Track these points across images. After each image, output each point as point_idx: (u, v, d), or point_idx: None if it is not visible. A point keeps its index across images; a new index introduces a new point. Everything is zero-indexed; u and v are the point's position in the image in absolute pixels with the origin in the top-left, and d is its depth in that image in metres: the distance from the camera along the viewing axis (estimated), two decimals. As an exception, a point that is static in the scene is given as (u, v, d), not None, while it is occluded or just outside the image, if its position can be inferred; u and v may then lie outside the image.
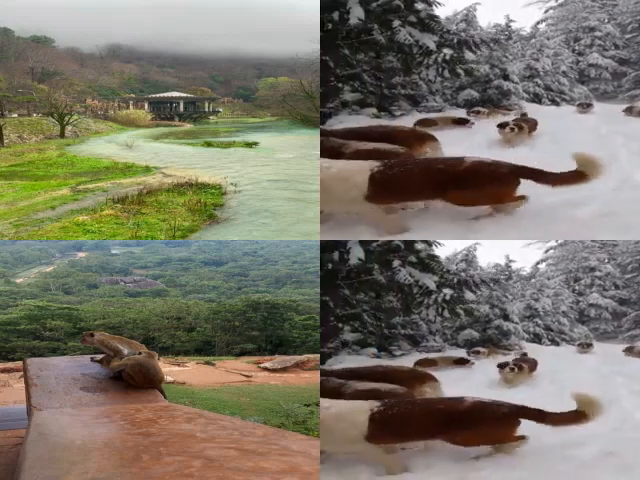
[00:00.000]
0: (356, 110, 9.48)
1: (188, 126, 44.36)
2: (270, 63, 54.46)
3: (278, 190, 20.09)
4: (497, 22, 17.49)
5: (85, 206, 17.62)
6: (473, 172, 5.46)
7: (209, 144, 32.19)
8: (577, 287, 21.58)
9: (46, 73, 44.54)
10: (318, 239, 6.32)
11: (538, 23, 22.39)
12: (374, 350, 9.74)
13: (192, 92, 50.85)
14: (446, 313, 10.96)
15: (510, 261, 18.15)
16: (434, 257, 10.50)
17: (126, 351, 5.07)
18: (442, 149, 6.96)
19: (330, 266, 9.05)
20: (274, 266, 55.36)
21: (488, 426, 5.19)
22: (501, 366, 9.16)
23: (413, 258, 10.03)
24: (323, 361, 8.87)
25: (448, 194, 5.47)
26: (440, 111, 10.22)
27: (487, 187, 5.54)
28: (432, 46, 10.10)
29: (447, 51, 10.67)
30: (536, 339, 16.85)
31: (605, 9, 21.84)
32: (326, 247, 8.90)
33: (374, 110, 9.57)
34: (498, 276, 15.33)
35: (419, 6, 9.96)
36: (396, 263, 9.74)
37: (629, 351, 13.65)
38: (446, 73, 10.90)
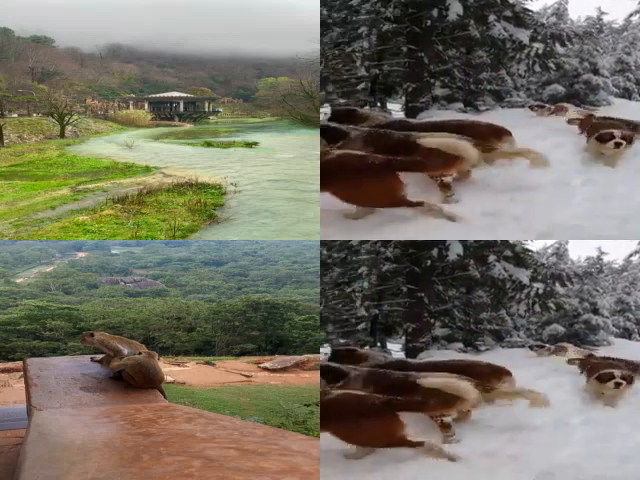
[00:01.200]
0: (444, 105, 9.58)
1: (188, 126, 44.36)
2: (270, 63, 54.46)
3: (278, 190, 20.09)
4: (589, 15, 17.07)
5: (85, 206, 17.63)
6: (341, 165, 5.13)
7: (209, 144, 32.19)
8: None
9: (46, 73, 44.54)
10: (318, 239, 6.30)
11: (631, 15, 21.85)
12: (460, 345, 9.84)
13: (192, 92, 50.86)
14: (537, 307, 10.98)
15: (602, 254, 17.73)
16: (528, 251, 10.54)
17: (126, 351, 5.07)
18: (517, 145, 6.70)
19: (429, 263, 9.23)
20: (274, 266, 55.37)
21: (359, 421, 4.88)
22: (602, 378, 6.92)
23: (508, 252, 10.06)
24: (416, 353, 9.03)
25: (335, 189, 5.21)
26: (523, 107, 10.16)
27: (361, 182, 5.12)
28: (525, 40, 10.10)
29: (538, 45, 10.66)
30: (625, 334, 16.49)
31: None
32: (424, 245, 9.12)
33: (461, 105, 9.65)
34: (590, 269, 15.04)
35: (513, 0, 9.99)
36: (492, 258, 9.80)
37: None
38: (537, 67, 10.90)
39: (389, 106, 9.97)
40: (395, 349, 9.97)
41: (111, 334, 5.47)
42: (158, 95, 49.18)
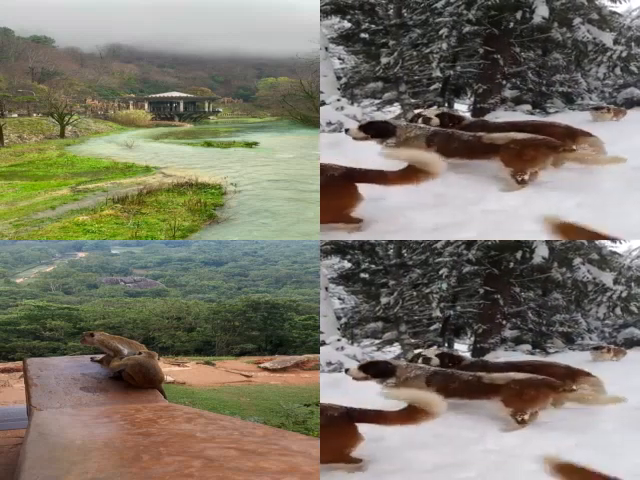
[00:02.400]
0: (512, 106, 9.60)
1: (188, 126, 44.38)
2: (270, 63, 54.48)
3: (278, 190, 20.10)
4: None
5: (85, 206, 17.63)
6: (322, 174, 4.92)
7: (209, 144, 32.20)
8: None
9: (46, 73, 44.57)
10: (318, 239, 6.29)
11: None
12: (529, 347, 9.88)
13: (192, 92, 50.87)
14: (618, 310, 10.98)
15: None
16: (615, 253, 10.56)
17: (126, 351, 5.06)
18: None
19: (511, 265, 9.27)
20: (274, 266, 55.37)
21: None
22: None
23: (595, 255, 10.10)
24: (483, 354, 9.04)
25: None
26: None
27: (323, 193, 4.87)
28: (609, 43, 10.09)
29: (621, 48, 10.64)
30: None
31: None
32: (507, 247, 9.17)
33: (529, 107, 9.67)
34: None
35: (600, 3, 9.98)
36: (577, 261, 9.84)
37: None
38: (617, 71, 10.87)
39: (456, 106, 10.00)
40: (462, 349, 9.99)
41: (111, 334, 5.47)
42: (158, 95, 49.20)
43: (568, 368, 6.66)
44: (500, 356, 8.85)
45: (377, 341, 9.86)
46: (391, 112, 9.53)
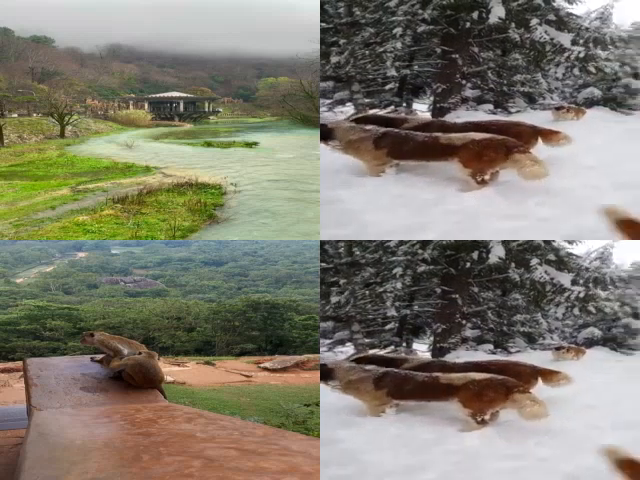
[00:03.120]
0: (473, 106, 9.55)
1: (188, 126, 44.38)
2: (270, 63, 54.50)
3: (278, 190, 20.09)
4: (635, 20, 17.18)
5: (85, 206, 17.63)
6: None
7: (209, 144, 32.20)
8: None
9: (46, 73, 44.58)
10: (318, 239, 6.30)
11: None
12: (490, 347, 9.85)
13: (192, 92, 50.88)
14: (576, 311, 10.99)
15: None
16: (571, 255, 10.55)
17: (126, 351, 5.06)
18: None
19: (468, 264, 9.25)
20: (274, 266, 55.36)
21: None
22: None
23: (552, 256, 10.08)
24: (443, 354, 9.04)
25: None
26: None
27: None
28: (567, 44, 10.09)
29: (579, 49, 10.65)
30: None
31: None
32: (463, 247, 9.11)
33: (490, 107, 9.64)
34: (635, 274, 15.07)
35: (557, 4, 9.96)
36: (534, 261, 9.81)
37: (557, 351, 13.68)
38: (576, 71, 10.89)
39: (415, 106, 9.96)
40: (422, 349, 9.94)
41: (111, 334, 5.47)
42: (158, 95, 49.20)
43: (533, 367, 6.66)
44: (461, 356, 8.83)
45: (328, 341, 9.75)
46: (343, 112, 9.41)
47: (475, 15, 9.09)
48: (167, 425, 3.41)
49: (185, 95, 49.40)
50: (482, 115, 9.13)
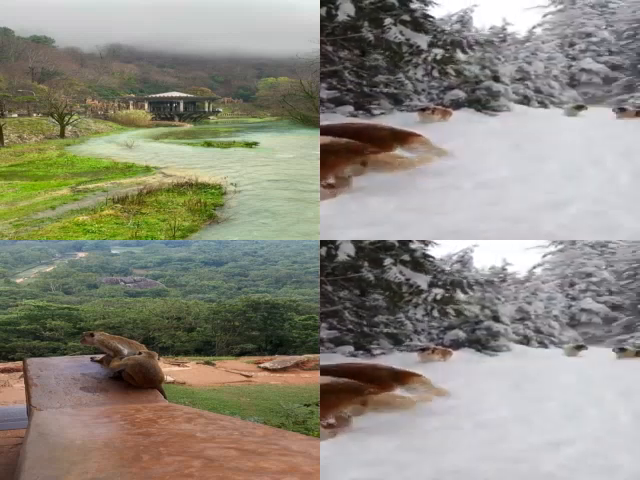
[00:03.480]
0: (330, 108, 9.36)
1: (188, 126, 44.38)
2: (270, 63, 54.51)
3: (278, 190, 20.09)
4: (493, 24, 17.51)
5: (85, 206, 17.63)
6: None
7: (209, 144, 32.20)
8: (571, 292, 21.68)
9: (46, 73, 44.58)
10: (318, 239, 6.32)
11: (534, 27, 22.48)
12: (351, 348, 9.59)
13: (192, 92, 50.88)
14: (435, 312, 10.95)
15: (507, 264, 18.16)
16: (428, 256, 10.46)
17: (126, 351, 5.06)
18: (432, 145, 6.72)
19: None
20: (274, 266, 55.35)
21: None
22: None
23: (407, 257, 9.94)
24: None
25: None
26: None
27: None
28: (423, 45, 10.03)
29: (438, 51, 10.65)
30: (525, 341, 16.92)
31: (603, 16, 22.09)
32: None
33: (350, 108, 9.45)
34: (492, 278, 15.31)
35: (414, 5, 9.90)
36: (388, 261, 9.61)
37: (621, 353, 13.85)
38: (435, 73, 10.89)
39: None
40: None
41: (111, 334, 5.46)
42: (158, 95, 49.20)
43: (392, 370, 6.61)
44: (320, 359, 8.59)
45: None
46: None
47: (323, 12, 8.90)
48: (167, 425, 3.41)
49: (185, 95, 49.40)
50: (340, 118, 8.97)
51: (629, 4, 22.19)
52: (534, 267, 23.40)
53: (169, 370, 18.67)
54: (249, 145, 31.72)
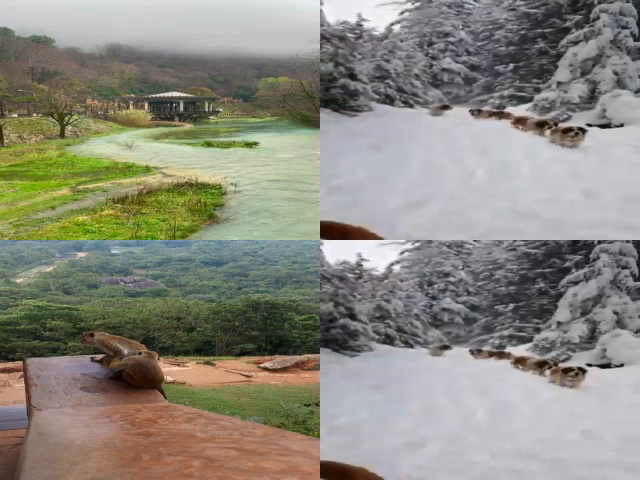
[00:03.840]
0: None
1: (188, 126, 44.38)
2: (270, 63, 54.51)
3: (278, 190, 20.09)
4: (346, 20, 17.04)
5: (85, 206, 17.63)
6: None
7: (209, 144, 32.21)
8: (431, 291, 21.53)
9: (46, 73, 44.58)
10: (318, 239, 6.34)
11: (392, 24, 22.17)
12: None
13: (192, 92, 50.88)
14: None
15: (362, 260, 17.72)
16: None
17: (126, 351, 5.06)
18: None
19: None
20: (274, 266, 55.35)
21: None
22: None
23: None
24: None
25: None
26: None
27: None
28: None
29: None
30: (388, 341, 16.65)
31: (460, 16, 22.05)
32: None
33: None
34: (345, 274, 14.82)
35: None
36: None
37: (477, 353, 13.95)
38: None
39: None
40: None
41: (111, 334, 5.46)
42: (158, 95, 49.20)
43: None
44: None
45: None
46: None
47: None
48: (167, 425, 3.41)
49: (185, 95, 49.40)
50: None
51: (484, 5, 22.27)
52: (392, 264, 23.16)
53: (169, 370, 18.67)
54: (249, 145, 31.73)
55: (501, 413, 7.44)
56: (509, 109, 15.13)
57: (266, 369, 20.44)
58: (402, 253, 23.41)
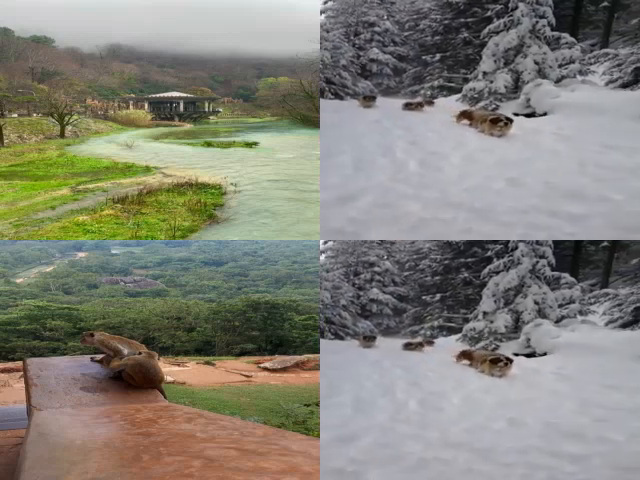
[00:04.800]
0: None
1: (188, 126, 44.36)
2: (270, 63, 54.49)
3: (278, 190, 20.09)
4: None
5: (85, 206, 17.63)
6: None
7: (209, 144, 32.20)
8: (357, 281, 21.34)
9: (46, 73, 44.57)
10: (318, 239, 6.39)
11: (321, 14, 21.88)
12: None
13: (192, 92, 50.86)
14: None
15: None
16: None
17: (126, 351, 5.06)
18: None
19: None
20: (274, 266, 55.35)
21: None
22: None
23: None
24: None
25: None
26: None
27: None
28: None
29: None
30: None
31: (384, 5, 21.78)
32: None
33: None
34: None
35: None
36: None
37: (407, 347, 13.94)
38: None
39: None
40: None
41: (111, 334, 5.47)
42: (158, 95, 49.18)
43: None
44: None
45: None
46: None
47: None
48: (167, 425, 3.40)
49: (185, 95, 49.38)
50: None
51: None
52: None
53: (169, 370, 18.66)
54: (249, 145, 31.72)
55: (431, 404, 7.60)
56: (441, 100, 15.19)
57: (266, 369, 20.43)
58: (326, 242, 22.94)
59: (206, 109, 50.18)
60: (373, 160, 7.65)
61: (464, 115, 10.94)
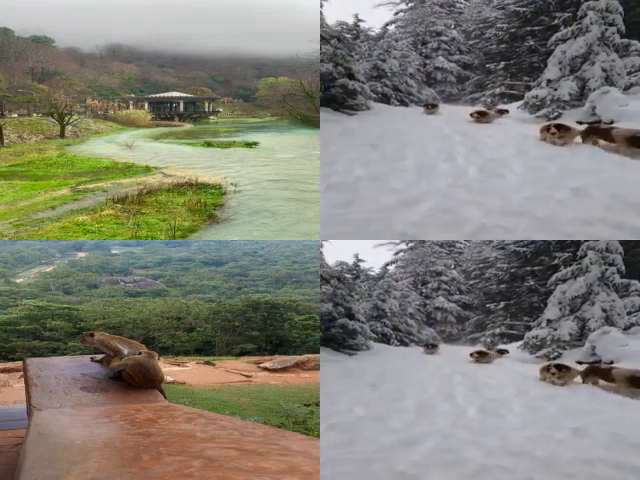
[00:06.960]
0: None
1: (188, 126, 44.35)
2: (270, 63, 54.48)
3: (278, 190, 20.09)
4: (343, 20, 17.34)
5: (85, 206, 17.62)
6: None
7: (209, 144, 32.19)
8: (424, 290, 21.83)
9: (46, 73, 44.56)
10: (318, 239, 6.39)
11: (387, 24, 22.48)
12: None
13: (192, 92, 50.85)
14: None
15: (359, 260, 18.00)
16: None
17: (126, 351, 5.06)
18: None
19: None
20: (274, 266, 55.34)
21: None
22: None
23: None
24: None
25: None
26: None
27: None
28: None
29: None
30: (384, 339, 16.85)
31: (452, 15, 22.41)
32: None
33: None
34: (343, 274, 15.02)
35: None
36: None
37: (477, 359, 13.83)
38: None
39: None
40: None
41: (111, 334, 5.47)
42: (158, 95, 49.18)
43: None
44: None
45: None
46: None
47: None
48: (167, 425, 3.40)
49: (185, 95, 49.38)
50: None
51: (474, 4, 22.52)
52: (387, 264, 23.36)
53: (169, 370, 18.66)
54: (249, 145, 31.72)
55: (492, 410, 7.52)
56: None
57: (266, 369, 20.44)
58: (397, 253, 23.55)
59: (206, 109, 50.17)
60: (434, 166, 7.59)
61: (594, 133, 9.51)
